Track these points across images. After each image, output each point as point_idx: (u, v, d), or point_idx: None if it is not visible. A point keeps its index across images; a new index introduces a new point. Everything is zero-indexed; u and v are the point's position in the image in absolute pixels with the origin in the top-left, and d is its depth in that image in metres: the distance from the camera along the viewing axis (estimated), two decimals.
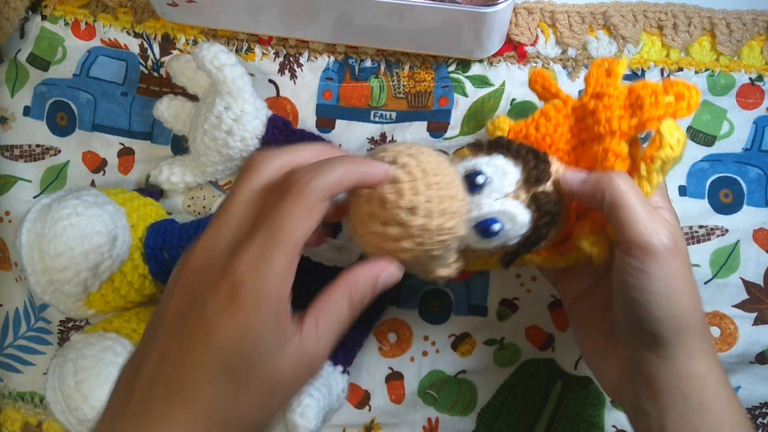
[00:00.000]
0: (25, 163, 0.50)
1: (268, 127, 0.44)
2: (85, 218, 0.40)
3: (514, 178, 0.35)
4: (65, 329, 0.50)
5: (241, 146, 0.44)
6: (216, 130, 0.43)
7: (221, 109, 0.43)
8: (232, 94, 0.42)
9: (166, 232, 0.44)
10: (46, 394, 0.41)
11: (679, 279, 0.32)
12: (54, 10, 0.49)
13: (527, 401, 0.48)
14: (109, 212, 0.41)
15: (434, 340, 0.48)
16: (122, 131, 0.49)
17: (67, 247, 0.39)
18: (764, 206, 0.47)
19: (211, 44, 0.42)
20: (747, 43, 0.47)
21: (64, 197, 0.41)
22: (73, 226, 0.39)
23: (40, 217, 0.40)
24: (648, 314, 0.33)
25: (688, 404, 0.33)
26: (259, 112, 0.44)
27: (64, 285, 0.40)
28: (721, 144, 0.47)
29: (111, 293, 0.43)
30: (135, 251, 0.43)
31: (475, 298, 0.48)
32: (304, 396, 0.39)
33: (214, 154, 0.44)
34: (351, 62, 0.48)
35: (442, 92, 0.47)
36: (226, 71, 0.42)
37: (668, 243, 0.31)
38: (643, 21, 0.46)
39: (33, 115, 0.50)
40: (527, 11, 0.46)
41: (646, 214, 0.32)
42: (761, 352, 0.47)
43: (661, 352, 0.34)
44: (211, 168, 0.45)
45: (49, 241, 0.39)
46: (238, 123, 0.43)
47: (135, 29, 0.49)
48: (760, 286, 0.47)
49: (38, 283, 0.40)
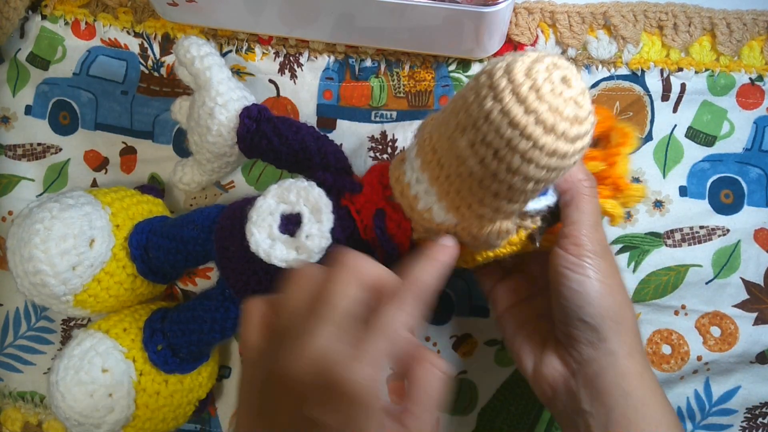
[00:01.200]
0: (28, 163, 0.50)
1: (241, 119, 0.41)
2: (59, 221, 0.40)
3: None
4: (68, 328, 0.50)
5: (221, 141, 0.42)
6: (198, 127, 0.42)
7: (200, 104, 0.41)
8: (204, 87, 0.41)
9: (150, 231, 0.44)
10: (48, 392, 0.42)
11: (612, 277, 0.35)
12: (54, 10, 0.49)
13: (527, 401, 0.48)
14: (86, 213, 0.41)
15: (436, 340, 0.48)
16: (124, 130, 0.49)
17: (40, 251, 0.39)
18: (765, 206, 0.47)
19: (184, 38, 0.41)
20: (747, 43, 0.47)
21: (46, 201, 0.42)
22: (46, 230, 0.39)
23: (21, 222, 0.40)
24: (587, 305, 0.34)
25: (629, 402, 0.34)
26: (235, 104, 0.41)
27: (42, 288, 0.40)
28: (722, 144, 0.47)
29: (100, 293, 0.43)
30: (120, 251, 0.43)
31: (477, 298, 0.47)
32: None
33: (205, 151, 0.43)
34: (351, 62, 0.48)
35: (443, 91, 0.47)
36: (197, 64, 0.40)
37: (600, 249, 0.35)
38: (643, 21, 0.46)
39: (35, 114, 0.50)
40: (527, 11, 0.46)
41: (592, 222, 0.35)
42: (761, 351, 0.47)
43: (602, 346, 0.35)
44: (208, 165, 0.45)
45: (24, 245, 0.39)
46: (212, 118, 0.41)
47: (135, 29, 0.49)
48: (761, 286, 0.47)
49: (23, 286, 0.41)
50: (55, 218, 0.40)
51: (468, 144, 0.28)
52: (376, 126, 0.48)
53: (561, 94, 0.26)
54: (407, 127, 0.47)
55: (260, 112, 0.41)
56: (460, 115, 0.29)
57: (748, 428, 0.47)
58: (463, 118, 0.28)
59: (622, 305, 0.35)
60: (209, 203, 0.48)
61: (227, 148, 0.42)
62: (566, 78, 0.27)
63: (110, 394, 0.41)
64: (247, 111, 0.41)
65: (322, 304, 0.28)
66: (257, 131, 0.41)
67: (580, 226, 0.34)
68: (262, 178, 0.48)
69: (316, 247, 0.36)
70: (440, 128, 0.31)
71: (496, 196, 0.30)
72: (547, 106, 0.26)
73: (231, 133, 0.41)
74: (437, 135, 0.31)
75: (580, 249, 0.34)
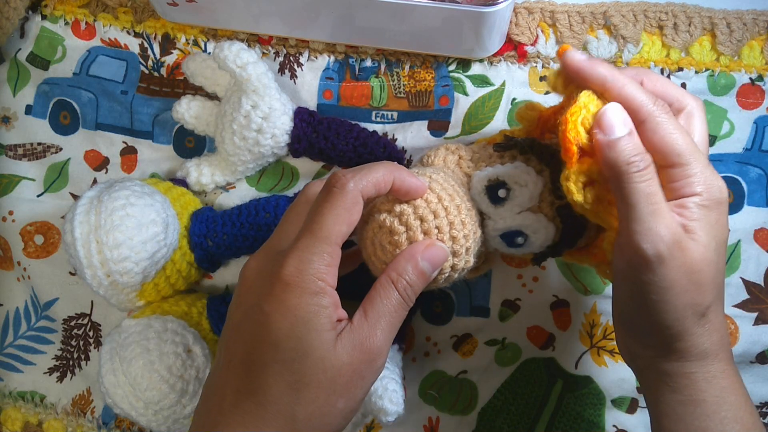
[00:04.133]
0: (29, 162, 0.50)
1: (295, 121, 0.44)
2: (138, 208, 0.40)
3: (537, 191, 0.35)
4: (69, 327, 0.50)
5: (272, 143, 0.44)
6: (245, 130, 0.43)
7: (248, 108, 0.43)
8: (258, 92, 0.43)
9: (209, 220, 0.44)
10: (104, 380, 0.40)
11: (672, 288, 0.31)
12: (54, 10, 0.49)
13: (528, 400, 0.48)
14: (159, 201, 0.41)
15: (436, 341, 0.48)
16: (125, 130, 0.49)
17: (126, 237, 0.39)
18: (765, 206, 0.47)
19: (231, 43, 0.43)
20: (747, 42, 0.47)
21: (112, 188, 0.41)
22: (130, 216, 0.39)
23: (92, 209, 0.39)
24: (637, 316, 0.33)
25: (677, 398, 0.33)
26: (285, 107, 0.44)
27: (124, 276, 0.39)
28: (722, 144, 0.47)
29: (162, 282, 0.43)
30: (182, 239, 0.43)
31: (477, 299, 0.47)
32: (387, 381, 0.40)
33: (245, 153, 0.44)
34: (351, 62, 0.48)
35: (443, 91, 0.47)
36: (249, 69, 0.42)
37: (663, 250, 0.30)
38: (643, 21, 0.46)
39: (35, 113, 0.50)
40: (527, 11, 0.46)
41: (647, 212, 0.30)
42: (762, 351, 0.47)
43: (649, 351, 0.34)
44: (242, 167, 0.46)
45: (107, 232, 0.38)
46: (267, 120, 0.43)
47: (135, 29, 0.49)
48: (761, 286, 0.47)
49: (95, 277, 0.40)
50: (134, 205, 0.40)
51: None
52: (377, 126, 0.48)
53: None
54: (407, 127, 0.47)
55: (311, 114, 0.45)
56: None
57: None
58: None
59: (679, 318, 0.32)
60: (209, 202, 0.48)
61: (276, 150, 0.45)
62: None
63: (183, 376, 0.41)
64: (300, 113, 0.45)
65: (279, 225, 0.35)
66: (314, 132, 0.44)
67: (631, 223, 0.30)
68: (263, 179, 0.48)
69: None
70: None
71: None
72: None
73: (285, 136, 0.44)
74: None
75: (634, 256, 0.31)
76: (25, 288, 0.50)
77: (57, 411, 0.50)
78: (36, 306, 0.50)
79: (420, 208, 0.33)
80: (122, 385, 0.40)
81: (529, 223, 0.35)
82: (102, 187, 0.42)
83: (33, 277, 0.49)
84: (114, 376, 0.40)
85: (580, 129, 0.31)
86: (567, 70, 0.33)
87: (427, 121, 0.47)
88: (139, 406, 0.40)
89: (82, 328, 0.50)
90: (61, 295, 0.49)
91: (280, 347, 0.30)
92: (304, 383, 0.30)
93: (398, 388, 0.41)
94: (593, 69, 0.32)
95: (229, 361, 0.32)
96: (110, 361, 0.40)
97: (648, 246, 0.30)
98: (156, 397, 0.39)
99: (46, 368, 0.50)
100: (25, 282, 0.50)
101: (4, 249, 0.50)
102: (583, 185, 0.32)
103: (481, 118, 0.47)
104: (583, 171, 0.31)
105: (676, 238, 0.30)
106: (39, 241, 0.49)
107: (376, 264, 0.35)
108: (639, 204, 0.30)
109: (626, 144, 0.30)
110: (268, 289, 0.31)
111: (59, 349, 0.50)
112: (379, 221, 0.34)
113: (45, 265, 0.49)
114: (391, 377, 0.41)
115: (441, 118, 0.47)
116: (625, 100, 0.31)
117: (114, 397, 0.40)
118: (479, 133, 0.47)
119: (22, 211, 0.50)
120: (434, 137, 0.47)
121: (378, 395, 0.40)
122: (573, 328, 0.48)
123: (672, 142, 0.31)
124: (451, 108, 0.47)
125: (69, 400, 0.50)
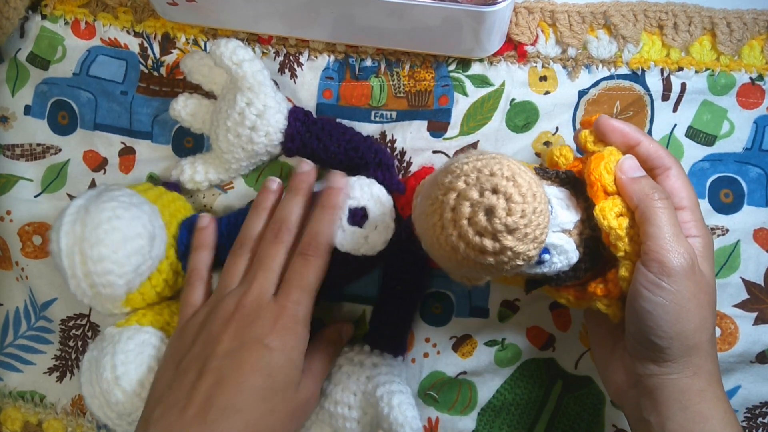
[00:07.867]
0: (26, 162, 0.50)
1: (290, 120, 0.44)
2: (125, 221, 0.39)
3: (576, 217, 0.36)
4: (67, 328, 0.50)
5: (265, 141, 0.44)
6: (239, 127, 0.43)
7: (243, 105, 0.43)
8: (253, 89, 0.43)
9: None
10: (82, 389, 0.40)
11: (692, 300, 0.34)
12: (54, 10, 0.49)
13: (527, 401, 0.48)
14: (146, 212, 0.41)
15: (435, 341, 0.48)
16: (123, 130, 0.49)
17: (110, 251, 0.39)
18: (765, 206, 0.47)
19: (228, 40, 0.43)
20: (747, 42, 0.46)
21: (100, 198, 0.40)
22: (115, 230, 0.39)
23: (78, 220, 0.39)
24: (657, 328, 0.34)
25: (686, 415, 0.35)
26: (280, 106, 0.44)
27: (107, 288, 0.39)
28: (722, 144, 0.47)
29: (148, 291, 0.43)
30: (169, 249, 0.43)
31: (477, 300, 0.47)
32: (405, 408, 0.40)
33: (238, 150, 0.44)
34: (351, 61, 0.48)
35: (443, 91, 0.47)
36: (245, 67, 0.42)
37: (685, 264, 0.33)
38: (643, 20, 0.46)
39: (34, 114, 0.50)
40: (527, 10, 0.46)
41: (671, 233, 0.34)
42: (761, 351, 0.47)
43: (666, 366, 0.35)
44: (236, 164, 0.46)
45: (91, 246, 0.38)
46: (262, 118, 0.43)
47: (135, 28, 0.49)
48: (761, 286, 0.47)
49: (78, 287, 0.40)
50: (120, 218, 0.39)
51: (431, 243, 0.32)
52: (376, 126, 0.48)
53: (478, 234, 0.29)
54: (406, 127, 0.47)
55: (306, 114, 0.45)
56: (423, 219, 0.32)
57: (748, 428, 0.47)
58: (421, 225, 0.32)
59: (698, 329, 0.34)
60: (208, 203, 0.48)
61: (269, 148, 0.45)
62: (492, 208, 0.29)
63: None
64: (295, 113, 0.45)
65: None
66: (307, 132, 0.44)
67: (658, 240, 0.33)
68: (261, 180, 0.48)
69: (382, 237, 0.42)
70: (417, 220, 0.33)
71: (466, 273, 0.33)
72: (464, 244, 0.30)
73: (278, 134, 0.44)
74: (417, 223, 0.33)
75: (661, 267, 0.33)
76: (24, 288, 0.50)
77: (57, 411, 0.50)
78: (34, 306, 0.50)
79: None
80: (97, 395, 0.40)
81: (560, 244, 0.35)
82: (92, 195, 0.41)
83: (31, 277, 0.49)
84: (90, 386, 0.40)
85: (604, 172, 0.36)
86: (603, 131, 0.38)
87: (427, 122, 0.47)
88: (113, 417, 0.40)
89: (81, 328, 0.50)
90: (59, 296, 0.49)
91: (265, 384, 0.38)
92: (276, 410, 0.38)
93: (408, 399, 0.41)
94: (628, 128, 0.38)
95: (217, 381, 0.37)
96: (88, 371, 0.40)
97: (674, 258, 0.33)
98: (128, 410, 0.40)
99: (46, 368, 0.50)
100: (23, 282, 0.50)
101: (3, 249, 0.50)
102: (615, 215, 0.35)
103: (479, 119, 0.47)
104: (615, 204, 0.35)
105: (695, 259, 0.34)
106: (37, 242, 0.49)
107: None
108: (664, 227, 0.34)
109: (647, 180, 0.36)
110: (266, 332, 0.39)
111: (58, 349, 0.50)
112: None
113: (43, 266, 0.49)
114: (400, 390, 0.41)
115: (440, 119, 0.47)
116: (656, 150, 0.38)
117: (91, 407, 0.40)
118: (478, 134, 0.47)
119: (20, 211, 0.50)
120: (434, 138, 0.47)
121: (399, 423, 0.40)
122: (573, 328, 0.48)
123: (690, 187, 0.37)
124: (451, 108, 0.47)
125: (69, 400, 0.50)
